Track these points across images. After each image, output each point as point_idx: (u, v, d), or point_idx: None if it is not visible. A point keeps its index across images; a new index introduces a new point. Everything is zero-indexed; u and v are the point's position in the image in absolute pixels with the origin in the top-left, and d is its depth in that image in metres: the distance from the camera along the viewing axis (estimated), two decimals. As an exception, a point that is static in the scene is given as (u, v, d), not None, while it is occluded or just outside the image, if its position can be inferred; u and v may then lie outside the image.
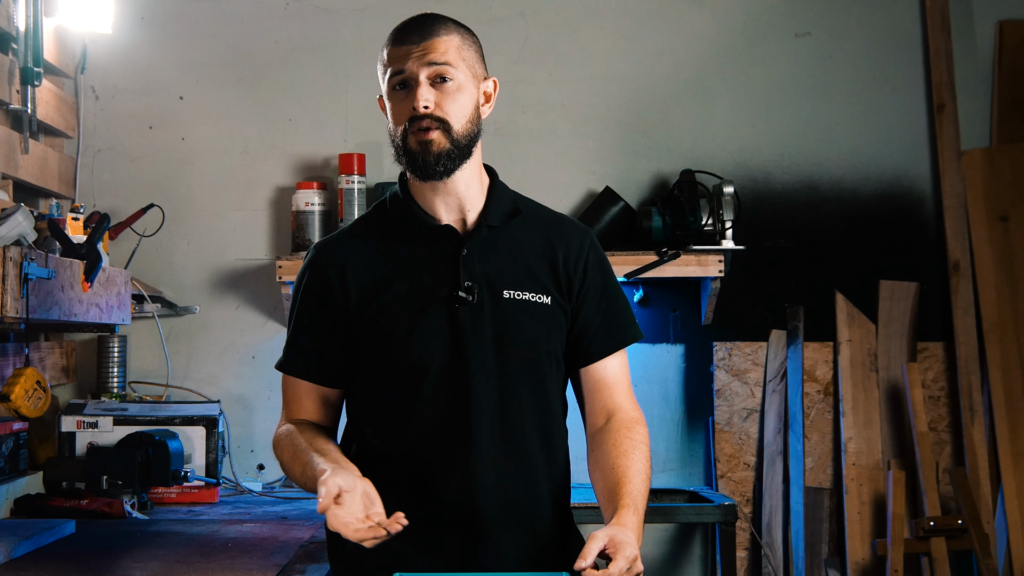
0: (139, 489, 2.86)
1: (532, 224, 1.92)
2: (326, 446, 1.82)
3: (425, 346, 1.80)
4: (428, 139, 1.78)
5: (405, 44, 1.79)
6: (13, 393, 2.43)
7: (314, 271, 1.90)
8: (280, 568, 2.21)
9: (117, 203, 3.43)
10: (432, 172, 1.81)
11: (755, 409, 3.42)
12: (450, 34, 1.81)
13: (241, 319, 3.46)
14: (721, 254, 3.22)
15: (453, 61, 1.79)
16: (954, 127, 3.42)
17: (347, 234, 1.94)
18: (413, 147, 1.80)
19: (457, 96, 1.80)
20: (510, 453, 1.84)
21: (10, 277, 2.34)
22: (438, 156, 1.79)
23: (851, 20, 3.49)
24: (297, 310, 1.92)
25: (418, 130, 1.78)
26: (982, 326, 3.33)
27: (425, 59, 1.78)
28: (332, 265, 1.87)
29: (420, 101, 1.77)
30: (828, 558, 3.32)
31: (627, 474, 1.77)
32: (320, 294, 1.88)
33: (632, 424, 1.86)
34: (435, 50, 1.78)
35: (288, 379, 1.94)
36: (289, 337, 1.93)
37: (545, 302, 1.86)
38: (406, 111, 1.80)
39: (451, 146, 1.80)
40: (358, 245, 1.89)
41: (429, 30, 1.80)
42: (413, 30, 1.80)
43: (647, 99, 3.49)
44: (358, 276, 1.86)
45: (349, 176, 3.33)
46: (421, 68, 1.78)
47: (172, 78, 3.49)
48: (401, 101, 1.81)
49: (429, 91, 1.78)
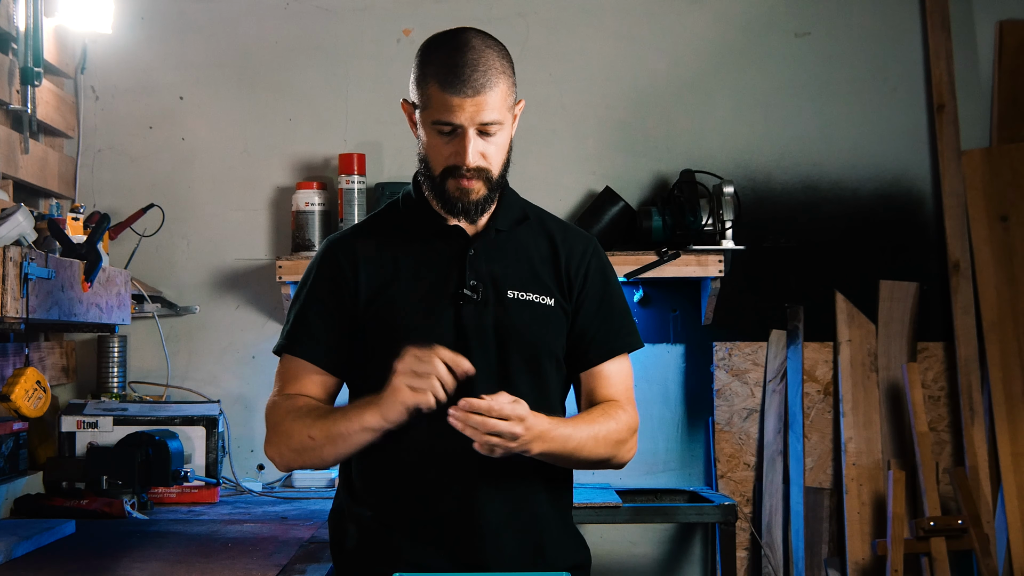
0: (139, 489, 2.86)
1: (538, 229, 1.96)
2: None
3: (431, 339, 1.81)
4: (470, 188, 1.82)
5: (457, 95, 1.77)
6: (13, 393, 2.43)
7: (328, 260, 1.91)
8: (280, 568, 2.21)
9: (117, 203, 3.43)
10: (470, 218, 1.87)
11: (755, 409, 3.42)
12: (498, 84, 1.79)
13: (241, 319, 3.46)
14: (721, 254, 3.22)
15: (501, 116, 1.81)
16: (954, 127, 3.42)
17: (359, 229, 1.96)
18: (452, 192, 1.83)
19: (500, 143, 1.83)
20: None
21: (10, 277, 2.34)
22: (476, 203, 1.84)
23: (851, 20, 3.49)
24: (307, 295, 1.90)
25: (460, 177, 1.82)
26: (982, 326, 3.33)
27: (478, 118, 1.78)
28: (345, 256, 1.89)
29: (470, 157, 1.79)
30: (828, 558, 3.32)
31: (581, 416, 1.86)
32: (333, 280, 1.88)
33: (617, 407, 1.89)
34: (486, 107, 1.78)
35: (290, 362, 1.90)
36: (295, 318, 1.90)
37: (548, 303, 1.89)
38: (449, 156, 1.81)
39: (489, 192, 1.85)
40: (370, 240, 1.91)
41: (482, 82, 1.77)
42: (465, 80, 1.77)
43: (647, 99, 3.49)
44: (368, 269, 1.88)
45: (349, 176, 3.33)
46: (472, 124, 1.79)
47: (172, 78, 3.49)
48: (445, 144, 1.82)
49: (478, 143, 1.80)
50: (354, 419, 1.76)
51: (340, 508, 1.94)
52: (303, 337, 1.89)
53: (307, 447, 1.80)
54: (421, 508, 1.84)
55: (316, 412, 1.82)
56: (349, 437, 1.77)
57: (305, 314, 1.90)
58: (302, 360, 1.89)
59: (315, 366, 1.88)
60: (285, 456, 1.85)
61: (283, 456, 1.85)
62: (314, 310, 1.89)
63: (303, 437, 1.80)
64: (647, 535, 3.44)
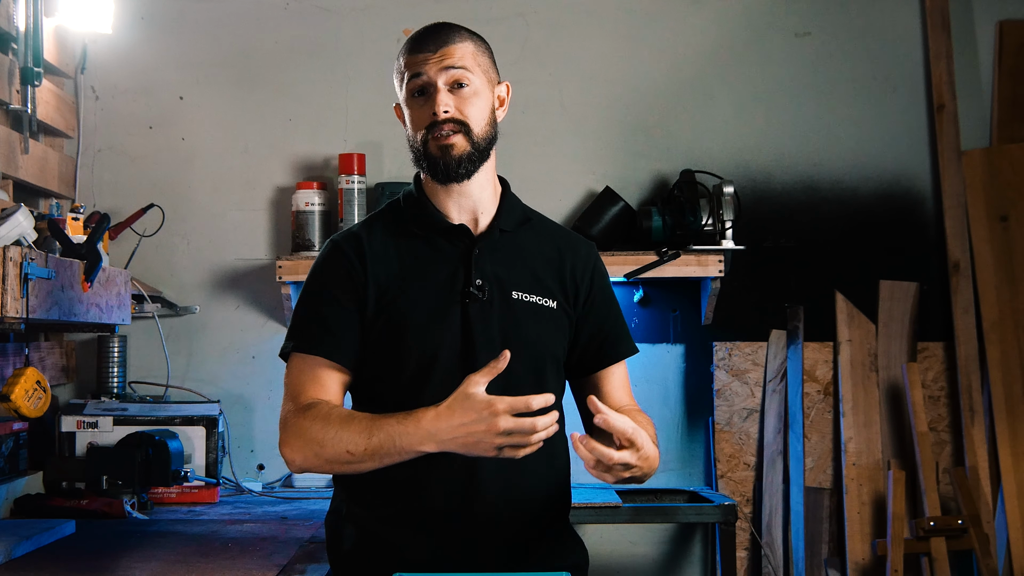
0: (139, 489, 2.86)
1: (540, 233, 1.98)
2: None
3: (436, 338, 1.82)
4: (449, 143, 1.84)
5: (422, 51, 1.85)
6: (13, 393, 2.43)
7: (337, 257, 1.90)
8: (280, 568, 2.21)
9: (117, 203, 3.43)
10: (454, 175, 1.86)
11: (755, 409, 3.42)
12: (464, 41, 1.87)
13: (241, 319, 3.46)
14: (721, 254, 3.22)
15: (470, 66, 1.85)
16: (954, 127, 3.42)
17: (363, 227, 1.96)
18: (434, 152, 1.85)
19: (475, 100, 1.85)
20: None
21: (10, 277, 2.34)
22: (459, 159, 1.84)
23: (851, 20, 3.49)
24: (318, 292, 1.88)
25: (439, 135, 1.83)
26: (982, 326, 3.33)
27: (442, 64, 1.83)
28: (353, 252, 1.89)
29: (440, 106, 1.82)
30: (828, 558, 3.32)
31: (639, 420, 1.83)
32: (347, 277, 1.87)
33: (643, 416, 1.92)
34: (452, 56, 1.84)
35: (304, 362, 1.84)
36: (306, 317, 1.87)
37: (551, 306, 1.90)
38: (426, 117, 1.84)
39: (471, 148, 1.85)
40: (374, 238, 1.92)
41: (445, 38, 1.85)
42: (429, 39, 1.86)
43: (647, 99, 3.49)
44: (375, 267, 1.88)
45: (349, 176, 3.33)
46: (439, 74, 1.83)
47: (172, 78, 3.49)
48: (420, 107, 1.86)
49: (448, 96, 1.83)
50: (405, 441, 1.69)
51: (337, 509, 1.94)
52: (320, 334, 1.84)
53: (343, 459, 1.73)
54: (421, 509, 1.84)
55: (350, 422, 1.74)
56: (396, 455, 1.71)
57: (319, 311, 1.86)
58: (319, 358, 1.84)
59: (334, 363, 1.84)
60: (311, 462, 1.77)
61: (308, 461, 1.77)
62: (328, 307, 1.86)
63: (339, 451, 1.73)
64: (647, 535, 3.44)
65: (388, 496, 1.86)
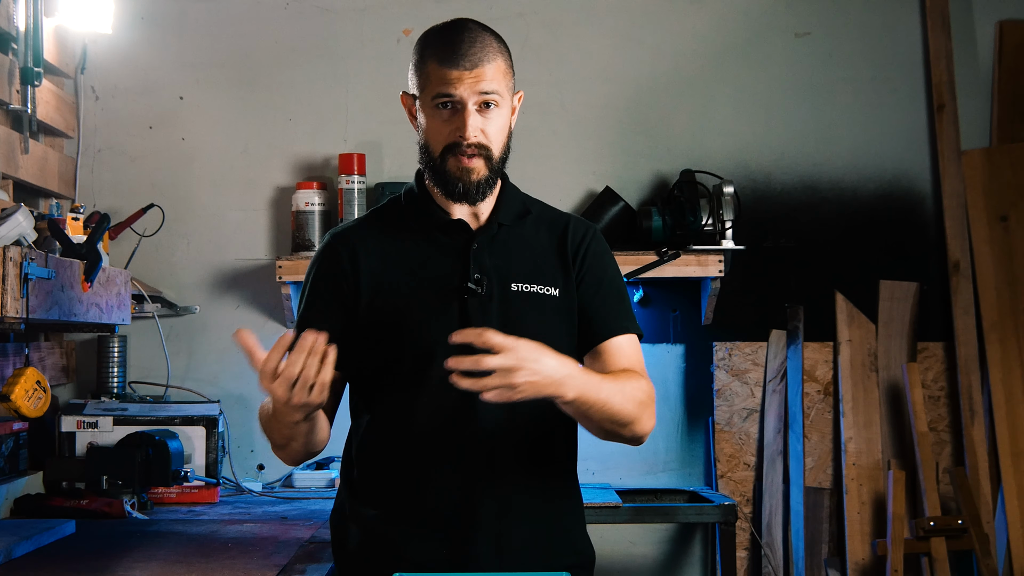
0: (139, 489, 2.86)
1: (540, 222, 1.96)
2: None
3: (434, 333, 1.81)
4: (471, 167, 1.82)
5: (456, 68, 1.78)
6: (13, 393, 2.43)
7: (327, 255, 1.90)
8: (280, 568, 2.21)
9: (117, 203, 3.43)
10: (472, 199, 1.85)
11: (755, 409, 3.42)
12: (496, 58, 1.81)
13: (241, 319, 3.46)
14: (721, 254, 3.22)
15: (500, 89, 1.81)
16: (954, 127, 3.42)
17: (361, 223, 1.96)
18: (453, 171, 1.82)
19: (499, 120, 1.83)
20: (513, 443, 1.84)
21: (10, 277, 2.34)
22: (478, 184, 1.83)
23: (851, 20, 3.49)
24: (308, 293, 1.90)
25: (461, 155, 1.81)
26: (982, 326, 3.33)
27: (476, 88, 1.79)
28: (345, 249, 1.89)
29: (470, 130, 1.79)
30: (828, 558, 3.32)
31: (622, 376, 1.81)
32: (333, 277, 1.88)
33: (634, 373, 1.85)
34: (485, 78, 1.79)
35: None
36: (298, 320, 1.90)
37: (553, 294, 1.89)
38: (449, 133, 1.81)
39: (489, 173, 1.84)
40: (371, 233, 1.91)
41: (480, 56, 1.79)
42: (463, 54, 1.79)
43: (647, 99, 3.49)
44: (370, 262, 1.87)
45: (349, 176, 3.33)
46: (471, 95, 1.79)
47: (172, 78, 3.49)
48: (444, 121, 1.81)
49: (476, 118, 1.80)
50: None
51: (342, 508, 1.94)
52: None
53: (276, 443, 1.82)
54: (424, 507, 1.84)
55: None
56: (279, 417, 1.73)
57: (306, 313, 1.89)
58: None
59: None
60: (278, 454, 1.85)
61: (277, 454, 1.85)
62: (315, 307, 1.88)
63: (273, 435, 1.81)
64: (647, 535, 3.44)
65: (392, 496, 1.85)
